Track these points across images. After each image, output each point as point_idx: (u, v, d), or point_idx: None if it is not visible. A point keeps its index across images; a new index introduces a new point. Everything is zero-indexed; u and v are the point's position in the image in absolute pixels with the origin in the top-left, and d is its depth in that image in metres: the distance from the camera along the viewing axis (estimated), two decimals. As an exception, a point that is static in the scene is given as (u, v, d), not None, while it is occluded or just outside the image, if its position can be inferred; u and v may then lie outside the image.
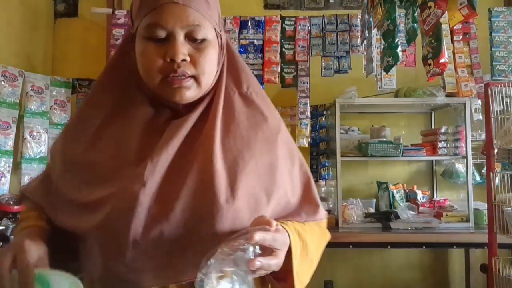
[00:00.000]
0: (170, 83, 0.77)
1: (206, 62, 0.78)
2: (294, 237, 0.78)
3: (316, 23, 3.15)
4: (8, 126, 2.67)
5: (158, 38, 0.77)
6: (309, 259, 0.86)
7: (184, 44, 0.77)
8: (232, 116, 0.82)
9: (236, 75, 0.86)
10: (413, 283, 3.31)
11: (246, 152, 0.80)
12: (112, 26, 3.08)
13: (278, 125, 0.87)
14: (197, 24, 0.76)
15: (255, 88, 0.87)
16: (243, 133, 0.81)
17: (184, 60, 0.76)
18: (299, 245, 0.80)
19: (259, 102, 0.86)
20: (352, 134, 3.16)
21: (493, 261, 2.21)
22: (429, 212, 2.88)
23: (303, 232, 0.83)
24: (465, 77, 2.92)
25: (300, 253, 0.80)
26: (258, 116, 0.84)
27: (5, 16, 2.90)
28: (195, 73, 0.78)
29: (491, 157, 2.27)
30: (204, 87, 0.81)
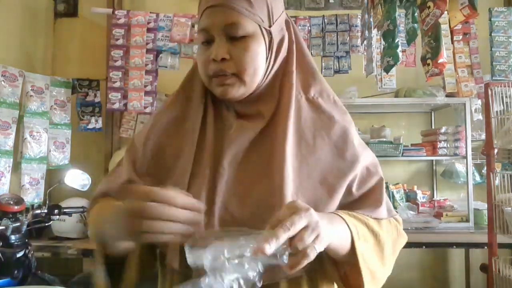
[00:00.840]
0: (215, 82, 0.81)
1: (246, 59, 0.79)
2: (348, 218, 0.77)
3: (316, 23, 3.16)
4: (8, 126, 2.67)
5: (206, 41, 0.82)
6: (380, 249, 0.83)
7: (224, 44, 0.79)
8: (299, 122, 0.83)
9: (304, 77, 0.87)
10: (413, 283, 3.31)
11: (311, 158, 0.81)
12: (112, 26, 3.08)
13: (346, 129, 0.85)
14: (233, 22, 0.78)
15: (322, 93, 0.88)
16: (309, 140, 0.82)
17: (225, 59, 0.79)
18: (360, 228, 0.78)
19: (326, 106, 0.86)
20: (352, 134, 3.16)
21: (493, 261, 2.21)
22: (429, 212, 2.88)
23: (363, 219, 0.81)
24: (465, 77, 2.93)
25: (364, 237, 0.78)
26: (325, 121, 0.84)
27: (5, 16, 2.90)
28: (235, 71, 0.80)
29: (491, 157, 2.27)
30: (250, 84, 0.81)
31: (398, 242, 0.91)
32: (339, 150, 0.83)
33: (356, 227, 0.76)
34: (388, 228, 0.86)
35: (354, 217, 0.79)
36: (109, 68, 3.06)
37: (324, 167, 0.81)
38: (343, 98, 2.86)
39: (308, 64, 0.88)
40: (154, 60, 3.08)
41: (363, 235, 0.78)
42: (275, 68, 0.85)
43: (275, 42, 0.84)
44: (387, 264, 0.85)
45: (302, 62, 0.88)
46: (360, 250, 0.75)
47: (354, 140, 0.85)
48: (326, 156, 0.82)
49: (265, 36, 0.82)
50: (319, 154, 0.81)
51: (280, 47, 0.85)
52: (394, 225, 0.89)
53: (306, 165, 0.80)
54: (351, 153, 0.83)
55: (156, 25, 3.10)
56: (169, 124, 0.88)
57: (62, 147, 3.01)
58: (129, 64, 3.03)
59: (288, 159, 0.78)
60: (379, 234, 0.82)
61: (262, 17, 0.81)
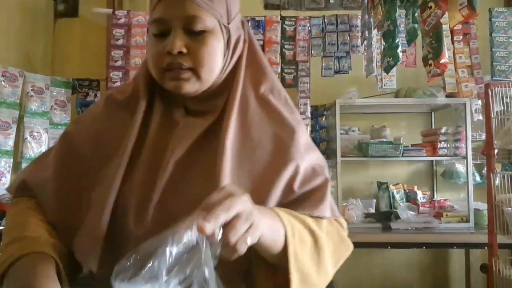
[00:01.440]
0: (169, 76, 0.78)
1: (204, 54, 0.77)
2: (283, 214, 0.72)
3: (317, 24, 3.16)
4: (8, 126, 2.67)
5: (160, 33, 0.78)
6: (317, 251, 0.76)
7: (182, 37, 0.76)
8: (245, 117, 0.81)
9: (254, 74, 0.85)
10: (413, 283, 3.31)
11: (254, 154, 0.79)
12: (112, 26, 3.08)
13: (293, 127, 0.83)
14: (194, 15, 0.76)
15: (273, 90, 0.86)
16: (254, 136, 0.80)
17: (181, 52, 0.76)
18: (297, 227, 0.73)
19: (275, 103, 0.84)
20: (352, 135, 3.16)
21: (493, 261, 2.21)
22: (429, 212, 2.88)
23: (302, 217, 0.76)
24: (465, 77, 2.93)
25: (300, 236, 0.73)
26: (273, 118, 0.82)
27: (5, 16, 2.90)
28: (192, 65, 0.77)
29: (491, 158, 2.27)
30: (206, 81, 0.79)
31: (340, 249, 0.84)
32: (283, 147, 0.80)
33: (292, 225, 0.72)
34: (329, 229, 0.81)
35: (291, 214, 0.74)
36: (109, 68, 3.06)
37: (266, 163, 0.78)
38: (344, 99, 2.86)
39: (260, 63, 0.87)
40: (154, 60, 3.08)
41: (299, 233, 0.73)
42: (231, 66, 0.83)
43: (232, 40, 0.83)
44: (324, 270, 0.78)
45: (253, 60, 0.86)
46: (293, 249, 0.71)
47: (299, 139, 0.82)
48: (269, 152, 0.79)
49: (223, 33, 0.80)
50: (263, 150, 0.79)
51: (236, 46, 0.84)
52: (336, 228, 0.84)
53: (247, 161, 0.78)
54: (293, 151, 0.80)
55: (156, 25, 3.09)
56: (115, 111, 0.85)
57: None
58: (129, 64, 3.03)
59: (227, 157, 0.76)
60: (318, 235, 0.77)
61: (221, 13, 0.79)
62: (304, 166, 0.80)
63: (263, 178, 0.77)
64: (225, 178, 0.74)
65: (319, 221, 0.79)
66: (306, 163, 0.81)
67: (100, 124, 0.86)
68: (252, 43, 0.88)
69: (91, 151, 0.83)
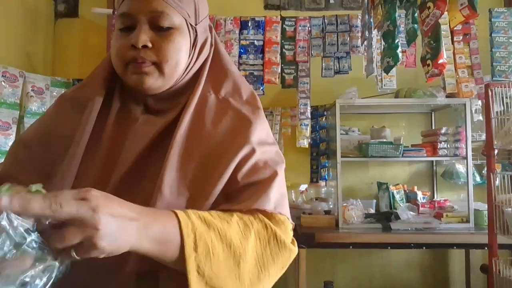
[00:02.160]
0: (131, 70, 0.77)
1: (169, 49, 0.76)
2: (190, 223, 0.65)
3: (317, 24, 3.16)
4: (8, 126, 2.67)
5: (126, 27, 0.77)
6: (236, 262, 0.69)
7: (147, 31, 0.76)
8: (201, 117, 0.79)
9: (217, 77, 0.85)
10: (413, 284, 3.31)
11: (208, 147, 0.76)
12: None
13: (249, 121, 0.80)
14: (160, 10, 0.76)
15: (234, 93, 0.84)
16: (208, 131, 0.78)
17: (146, 46, 0.75)
18: (206, 237, 0.66)
19: (235, 103, 0.83)
20: (352, 135, 3.16)
21: (494, 261, 2.21)
22: (429, 213, 2.88)
23: (220, 224, 0.69)
24: (466, 77, 2.92)
25: (208, 248, 0.66)
26: (229, 114, 0.81)
27: (5, 16, 2.90)
28: (156, 60, 0.76)
29: (492, 158, 2.27)
30: (169, 77, 0.78)
31: (272, 255, 0.74)
32: (234, 139, 0.77)
33: (198, 235, 0.65)
34: (260, 233, 0.73)
35: (207, 222, 0.67)
36: (109, 68, 3.06)
37: (216, 155, 0.76)
38: (344, 99, 2.86)
39: (224, 67, 0.86)
40: (154, 61, 3.08)
41: (205, 244, 0.65)
42: (195, 67, 0.83)
43: (199, 41, 0.82)
44: (246, 279, 0.70)
45: (218, 64, 0.86)
46: (194, 263, 0.64)
47: (254, 131, 0.79)
48: (221, 144, 0.77)
49: (190, 33, 0.80)
50: (214, 144, 0.77)
51: (203, 48, 0.84)
52: (272, 232, 0.74)
53: (197, 155, 0.75)
54: (243, 142, 0.77)
55: (156, 26, 3.10)
56: (66, 108, 0.84)
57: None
58: (129, 65, 3.03)
59: (175, 154, 0.73)
60: (236, 245, 0.69)
61: (189, 13, 0.79)
62: (254, 158, 0.77)
63: (212, 170, 0.74)
64: (166, 175, 0.72)
65: (247, 225, 0.72)
66: (259, 156, 0.78)
67: (49, 123, 0.84)
68: (218, 48, 0.88)
69: (41, 150, 0.81)
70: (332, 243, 2.64)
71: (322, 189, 3.21)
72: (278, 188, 0.78)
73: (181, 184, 0.73)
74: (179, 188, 0.73)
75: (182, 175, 0.73)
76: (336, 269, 3.25)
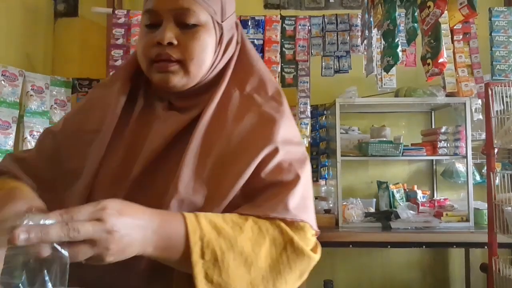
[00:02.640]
0: (156, 68, 0.76)
1: (195, 47, 0.76)
2: (199, 231, 0.64)
3: (316, 23, 3.15)
4: (8, 125, 2.67)
5: (152, 24, 0.77)
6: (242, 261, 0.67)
7: (173, 28, 0.75)
8: (224, 114, 0.78)
9: (242, 74, 0.83)
10: (413, 283, 3.31)
11: (230, 144, 0.75)
12: (112, 26, 3.08)
13: (273, 118, 0.79)
14: (186, 7, 0.75)
15: (259, 89, 0.82)
16: (230, 128, 0.76)
17: (171, 43, 0.74)
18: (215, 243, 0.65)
19: (260, 99, 0.81)
20: (352, 134, 3.16)
21: (493, 260, 2.21)
22: (429, 212, 2.88)
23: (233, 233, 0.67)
24: (465, 77, 2.92)
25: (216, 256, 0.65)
26: (255, 111, 0.79)
27: (5, 16, 2.90)
28: (181, 58, 0.75)
29: (491, 157, 2.27)
30: (194, 75, 0.77)
31: (288, 262, 0.71)
32: (255, 135, 0.76)
33: (206, 243, 0.64)
34: (276, 239, 0.71)
35: (215, 228, 0.66)
36: (109, 67, 3.06)
37: (239, 152, 0.74)
38: (343, 98, 2.86)
39: (250, 65, 0.85)
40: (154, 60, 3.08)
41: (215, 251, 0.65)
42: (221, 65, 0.82)
43: (225, 38, 0.81)
44: (268, 280, 0.68)
45: (244, 62, 0.85)
46: (201, 271, 0.64)
47: (278, 130, 0.77)
48: (244, 142, 0.75)
49: (216, 30, 0.79)
50: (236, 141, 0.75)
51: (228, 45, 0.83)
52: (288, 238, 0.72)
53: (219, 152, 0.74)
54: (264, 140, 0.75)
55: (156, 25, 3.10)
56: (93, 104, 0.85)
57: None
58: (129, 64, 3.03)
59: (192, 151, 0.73)
60: (248, 252, 0.67)
61: (215, 10, 0.78)
62: (278, 157, 0.75)
63: (230, 168, 0.73)
64: (183, 172, 0.72)
65: (262, 231, 0.70)
66: (283, 156, 0.76)
67: (77, 118, 0.86)
68: (245, 45, 0.86)
69: (66, 142, 0.83)
70: (332, 242, 2.64)
71: (322, 188, 3.21)
72: (300, 193, 0.76)
73: (197, 181, 0.72)
74: (195, 185, 0.72)
75: (199, 172, 0.73)
76: (336, 268, 3.25)
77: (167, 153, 0.76)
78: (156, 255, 0.63)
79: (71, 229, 0.52)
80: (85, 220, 0.54)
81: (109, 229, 0.55)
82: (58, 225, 0.52)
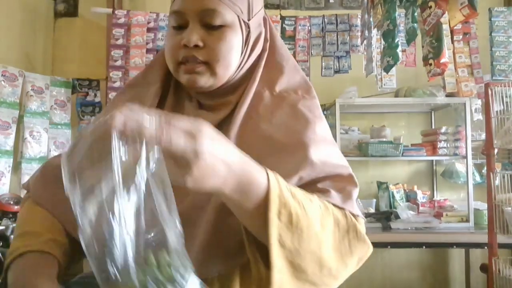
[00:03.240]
0: (183, 69, 0.77)
1: (221, 48, 0.75)
2: (274, 177, 0.61)
3: (316, 23, 3.16)
4: (8, 126, 2.67)
5: (178, 25, 0.77)
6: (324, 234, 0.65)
7: (199, 30, 0.75)
8: (256, 113, 0.77)
9: (272, 74, 0.82)
10: (413, 283, 3.31)
11: (265, 146, 0.74)
12: (112, 26, 3.08)
13: (308, 119, 0.78)
14: (212, 8, 0.74)
15: (289, 89, 0.81)
16: (263, 129, 0.76)
17: (197, 45, 0.74)
18: (295, 190, 0.63)
19: (292, 98, 0.80)
20: (352, 134, 3.16)
21: (493, 261, 2.21)
22: (429, 212, 2.88)
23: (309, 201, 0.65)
24: (465, 77, 2.93)
25: (297, 197, 0.63)
26: (287, 112, 0.78)
27: (5, 16, 2.90)
28: (207, 59, 0.75)
29: (491, 157, 2.27)
30: (221, 76, 0.77)
31: (352, 243, 0.70)
32: (294, 136, 0.75)
33: (282, 203, 0.60)
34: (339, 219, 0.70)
35: (291, 193, 0.63)
36: (109, 68, 3.06)
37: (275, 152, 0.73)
38: (343, 98, 2.86)
39: (279, 62, 0.84)
40: (154, 60, 3.08)
41: (292, 214, 0.61)
42: (248, 64, 0.81)
43: (252, 37, 0.80)
44: (328, 268, 0.66)
45: (273, 59, 0.84)
46: (276, 232, 0.60)
47: (315, 128, 0.77)
48: (279, 142, 0.74)
49: (243, 29, 0.78)
50: (271, 142, 0.74)
51: (256, 43, 0.82)
52: (352, 222, 0.71)
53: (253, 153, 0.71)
54: (306, 138, 0.74)
55: (156, 25, 3.10)
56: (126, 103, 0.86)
57: (62, 147, 3.01)
58: (129, 64, 3.03)
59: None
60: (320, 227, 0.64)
61: (241, 8, 0.77)
62: (318, 155, 0.74)
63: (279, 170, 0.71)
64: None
65: (328, 209, 0.68)
66: (320, 154, 0.75)
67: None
68: (274, 41, 0.85)
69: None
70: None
71: (322, 189, 3.21)
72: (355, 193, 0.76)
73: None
74: None
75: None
76: (336, 269, 3.25)
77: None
78: (232, 198, 0.59)
79: (165, 134, 0.50)
80: (181, 131, 0.51)
81: (199, 151, 0.52)
82: (154, 126, 0.49)
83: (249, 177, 0.59)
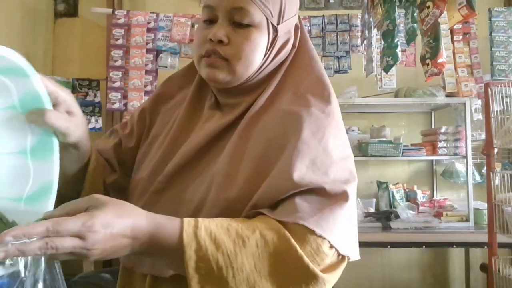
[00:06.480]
0: (204, 63, 0.78)
1: (244, 47, 0.75)
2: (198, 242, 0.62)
3: (316, 23, 3.16)
4: (8, 126, 2.67)
5: (208, 19, 0.78)
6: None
7: (226, 26, 0.76)
8: (270, 111, 0.77)
9: (297, 77, 0.82)
10: (413, 283, 3.31)
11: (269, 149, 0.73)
12: (112, 26, 3.09)
13: (322, 119, 0.76)
14: (241, 7, 0.75)
15: (313, 91, 0.80)
16: (268, 132, 0.75)
17: (222, 41, 0.75)
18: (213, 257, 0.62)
19: (311, 98, 0.78)
20: (352, 134, 3.16)
21: (493, 260, 2.21)
22: (429, 212, 2.88)
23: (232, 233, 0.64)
24: (465, 77, 2.93)
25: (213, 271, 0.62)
26: (301, 111, 0.76)
27: (5, 16, 2.90)
28: (229, 56, 0.75)
29: (491, 157, 2.27)
30: (239, 75, 0.77)
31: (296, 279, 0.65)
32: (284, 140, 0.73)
33: (199, 257, 0.61)
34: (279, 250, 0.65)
35: (215, 242, 0.62)
36: (109, 68, 3.06)
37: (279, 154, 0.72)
38: (343, 98, 2.86)
39: (306, 70, 0.83)
40: (154, 60, 3.09)
41: (212, 267, 0.62)
42: (270, 67, 0.81)
43: (278, 42, 0.80)
44: None
45: (298, 67, 0.83)
46: (194, 263, 0.61)
47: (329, 137, 0.77)
48: (272, 145, 0.73)
49: (270, 32, 0.78)
50: (276, 145, 0.73)
51: (282, 49, 0.81)
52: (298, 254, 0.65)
53: (248, 158, 0.73)
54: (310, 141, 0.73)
55: (156, 25, 3.10)
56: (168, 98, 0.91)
57: (62, 147, 3.01)
58: (129, 64, 3.04)
59: (225, 158, 0.74)
60: (252, 268, 0.63)
61: (272, 11, 0.77)
62: (319, 155, 0.74)
63: (264, 174, 0.71)
64: (214, 175, 0.74)
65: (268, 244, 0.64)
66: (321, 155, 0.74)
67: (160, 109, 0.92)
68: (304, 51, 0.84)
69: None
70: (332, 242, 2.64)
71: (322, 188, 3.21)
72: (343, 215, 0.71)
73: (228, 184, 0.72)
74: (226, 187, 0.72)
75: (231, 175, 0.73)
76: (336, 268, 3.25)
77: (204, 153, 0.78)
78: (149, 257, 0.64)
79: (49, 247, 0.53)
80: (68, 235, 0.54)
81: (89, 247, 0.56)
82: (38, 242, 0.53)
83: (159, 239, 0.61)
